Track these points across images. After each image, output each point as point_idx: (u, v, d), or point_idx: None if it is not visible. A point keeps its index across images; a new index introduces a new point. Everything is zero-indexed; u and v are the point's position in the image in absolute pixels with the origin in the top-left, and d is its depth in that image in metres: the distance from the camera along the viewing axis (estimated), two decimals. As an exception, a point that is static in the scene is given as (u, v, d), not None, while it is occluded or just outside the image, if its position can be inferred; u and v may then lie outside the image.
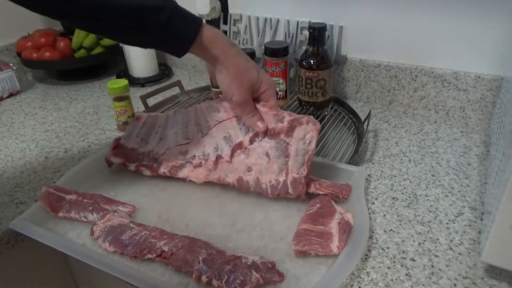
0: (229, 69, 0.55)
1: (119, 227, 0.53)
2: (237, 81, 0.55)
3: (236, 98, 0.56)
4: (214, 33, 0.54)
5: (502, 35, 0.74)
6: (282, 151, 0.57)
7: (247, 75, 0.55)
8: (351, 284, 0.47)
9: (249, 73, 0.55)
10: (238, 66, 0.55)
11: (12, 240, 0.58)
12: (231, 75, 0.55)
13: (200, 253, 0.48)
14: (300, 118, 0.57)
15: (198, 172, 0.62)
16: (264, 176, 0.58)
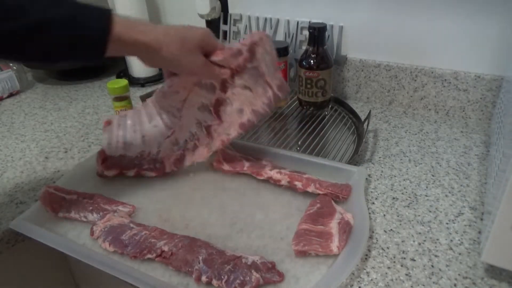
0: (171, 49, 0.50)
1: (119, 227, 0.53)
2: (186, 54, 0.51)
3: (194, 68, 0.53)
4: (128, 20, 0.48)
5: (502, 35, 0.74)
6: (256, 76, 0.59)
7: (190, 43, 0.51)
8: (351, 284, 0.47)
9: (191, 39, 0.51)
10: (177, 42, 0.50)
11: (12, 240, 0.58)
12: (176, 54, 0.50)
13: (200, 253, 0.48)
14: (253, 39, 0.57)
15: (199, 152, 0.63)
16: (256, 104, 0.61)
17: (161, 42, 0.49)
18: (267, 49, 0.58)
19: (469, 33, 0.77)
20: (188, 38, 0.51)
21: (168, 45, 0.50)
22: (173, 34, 0.50)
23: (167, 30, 0.50)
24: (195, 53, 0.52)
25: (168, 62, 0.53)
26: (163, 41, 0.49)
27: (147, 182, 0.65)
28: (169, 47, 0.50)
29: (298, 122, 0.84)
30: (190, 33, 0.52)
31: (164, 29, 0.50)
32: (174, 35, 0.50)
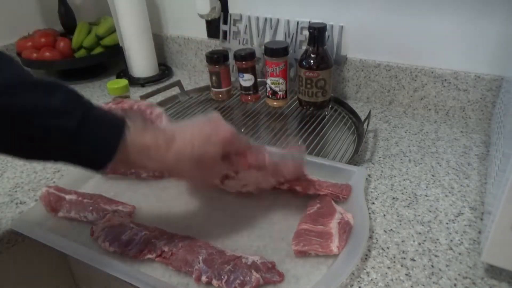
0: (183, 174, 0.46)
1: (119, 227, 0.53)
2: (199, 174, 0.47)
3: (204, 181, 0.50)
4: (140, 139, 0.42)
5: (502, 35, 0.74)
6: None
7: (206, 162, 0.45)
8: (351, 284, 0.47)
9: (208, 157, 0.45)
10: (191, 166, 0.44)
11: (12, 240, 0.58)
12: (189, 176, 0.47)
13: (200, 253, 0.48)
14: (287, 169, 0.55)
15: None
16: (262, 182, 0.57)
17: (173, 168, 0.45)
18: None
19: (469, 33, 0.77)
20: (205, 158, 0.45)
21: (180, 171, 0.46)
22: (188, 158, 0.44)
23: (181, 152, 0.43)
24: (211, 171, 0.48)
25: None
26: (174, 167, 0.44)
27: (147, 182, 0.65)
28: (181, 172, 0.47)
29: (298, 122, 0.84)
30: (207, 149, 0.45)
31: (177, 150, 0.43)
32: (188, 159, 0.44)
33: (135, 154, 0.41)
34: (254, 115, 0.87)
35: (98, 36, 1.09)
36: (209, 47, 1.10)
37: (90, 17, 1.24)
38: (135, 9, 1.02)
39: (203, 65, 1.14)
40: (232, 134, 0.47)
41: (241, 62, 0.86)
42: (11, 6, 1.17)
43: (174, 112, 0.90)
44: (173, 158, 0.43)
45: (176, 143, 0.43)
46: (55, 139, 0.38)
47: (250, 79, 0.87)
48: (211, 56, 0.87)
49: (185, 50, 1.16)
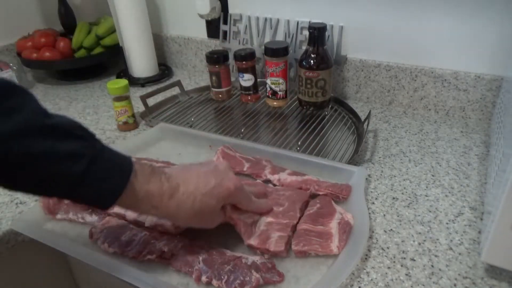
0: (183, 222, 0.48)
1: (118, 228, 0.53)
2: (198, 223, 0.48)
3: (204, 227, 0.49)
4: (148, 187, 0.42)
5: (502, 35, 0.74)
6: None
7: (206, 215, 0.46)
8: (351, 284, 0.47)
9: (209, 210, 0.46)
10: (190, 215, 0.45)
11: (12, 240, 0.58)
12: (189, 224, 0.49)
13: (200, 253, 0.48)
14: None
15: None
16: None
17: (173, 216, 0.46)
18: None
19: (469, 33, 0.77)
20: (205, 210, 0.46)
21: (179, 219, 0.47)
22: (189, 208, 0.44)
23: (182, 202, 0.44)
24: (210, 220, 0.48)
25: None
26: (175, 215, 0.45)
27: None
28: (181, 220, 0.47)
29: (298, 122, 0.84)
30: (209, 201, 0.46)
31: (179, 200, 0.44)
32: (189, 209, 0.45)
33: (139, 200, 0.42)
34: (254, 115, 0.87)
35: (98, 36, 1.09)
36: (209, 47, 1.10)
37: (90, 17, 1.24)
38: (135, 9, 1.02)
39: (203, 65, 1.14)
40: (236, 188, 0.47)
41: (241, 62, 0.86)
42: (11, 6, 1.17)
43: (174, 112, 0.90)
44: (174, 207, 0.44)
45: (179, 193, 0.44)
46: (60, 182, 0.39)
47: (250, 79, 0.87)
48: (211, 56, 0.87)
49: (185, 50, 1.16)
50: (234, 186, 0.47)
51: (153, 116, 0.88)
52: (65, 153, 0.38)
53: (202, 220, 0.47)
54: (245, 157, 0.67)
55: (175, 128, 0.79)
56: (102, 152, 0.41)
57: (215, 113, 0.90)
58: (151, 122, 0.86)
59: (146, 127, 0.85)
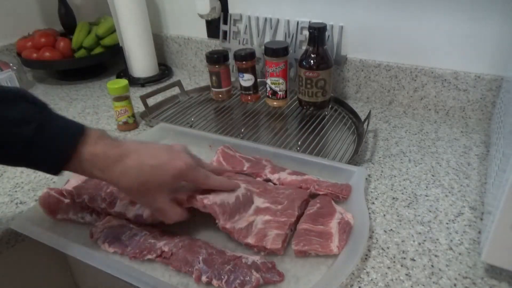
0: (127, 190, 0.47)
1: (118, 227, 0.53)
2: (142, 196, 0.47)
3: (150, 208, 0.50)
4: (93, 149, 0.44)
5: (502, 35, 0.74)
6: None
7: (151, 186, 0.46)
8: (351, 284, 0.47)
9: (154, 182, 0.46)
10: (134, 184, 0.45)
11: (12, 240, 0.58)
12: (132, 195, 0.48)
13: (200, 253, 0.48)
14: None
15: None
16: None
17: (116, 182, 0.46)
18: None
19: (469, 33, 0.77)
20: (150, 183, 0.46)
21: (123, 188, 0.47)
22: (133, 178, 0.45)
23: (127, 170, 0.45)
24: (153, 196, 0.48)
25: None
26: (119, 181, 0.45)
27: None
28: (124, 190, 0.48)
29: (298, 122, 0.84)
30: (156, 175, 0.46)
31: (125, 167, 0.45)
32: (134, 179, 0.45)
33: (85, 162, 0.44)
34: (254, 115, 0.87)
35: (98, 36, 1.09)
36: (209, 47, 1.10)
37: (90, 17, 1.24)
38: (135, 9, 1.02)
39: (203, 65, 1.14)
40: (187, 166, 0.47)
41: (241, 62, 0.86)
42: (11, 6, 1.17)
43: (174, 112, 0.90)
44: (119, 173, 0.45)
45: (127, 160, 0.45)
46: (11, 145, 0.41)
47: (250, 79, 0.87)
48: (211, 56, 0.87)
49: (185, 50, 1.16)
50: (185, 164, 0.47)
51: (153, 116, 0.88)
52: (14, 118, 0.41)
53: (144, 194, 0.47)
54: (245, 157, 0.67)
55: (175, 128, 0.79)
56: (51, 118, 0.43)
57: (215, 113, 0.90)
58: (151, 122, 0.86)
59: (146, 127, 0.86)
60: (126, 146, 0.46)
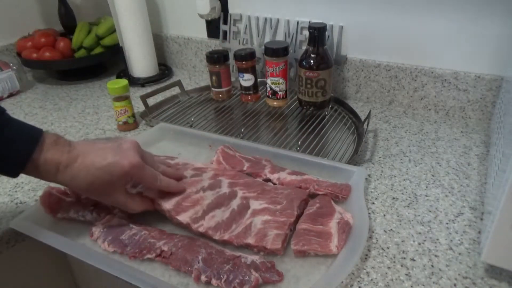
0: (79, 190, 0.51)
1: (118, 227, 0.53)
2: (95, 195, 0.51)
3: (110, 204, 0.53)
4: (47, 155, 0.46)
5: (502, 35, 0.74)
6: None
7: (99, 186, 0.49)
8: (351, 284, 0.47)
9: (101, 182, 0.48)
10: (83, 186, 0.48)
11: (12, 240, 0.58)
12: (85, 193, 0.52)
13: (200, 253, 0.48)
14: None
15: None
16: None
17: (69, 185, 0.49)
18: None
19: (469, 33, 0.77)
20: (97, 184, 0.48)
21: (75, 188, 0.50)
22: (81, 180, 0.48)
23: (75, 173, 0.47)
24: (106, 194, 0.50)
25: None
26: (70, 184, 0.48)
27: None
28: (77, 190, 0.51)
29: (298, 122, 0.84)
30: (102, 177, 0.48)
31: (74, 171, 0.47)
32: (82, 181, 0.48)
33: (40, 168, 0.46)
34: (254, 115, 0.87)
35: (98, 36, 1.09)
36: (209, 47, 1.10)
37: (90, 17, 1.24)
38: (135, 9, 1.02)
39: (203, 65, 1.14)
40: (131, 167, 0.49)
41: (241, 62, 0.86)
42: (11, 6, 1.17)
43: (174, 112, 0.90)
44: (69, 177, 0.47)
45: (76, 163, 0.47)
46: None
47: (250, 79, 0.87)
48: (211, 56, 0.87)
49: (185, 50, 1.16)
50: (129, 165, 0.48)
51: (153, 116, 0.88)
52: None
53: (96, 193, 0.50)
54: (245, 156, 0.67)
55: (175, 128, 0.79)
56: (8, 123, 0.45)
57: (215, 113, 0.90)
58: (151, 122, 0.86)
59: (146, 127, 0.86)
60: (76, 150, 0.48)
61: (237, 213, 0.54)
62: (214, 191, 0.58)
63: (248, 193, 0.57)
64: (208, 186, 0.59)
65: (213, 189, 0.58)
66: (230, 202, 0.56)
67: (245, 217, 0.54)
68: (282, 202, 0.55)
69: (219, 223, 0.52)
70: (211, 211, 0.54)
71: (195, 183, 0.59)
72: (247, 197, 0.57)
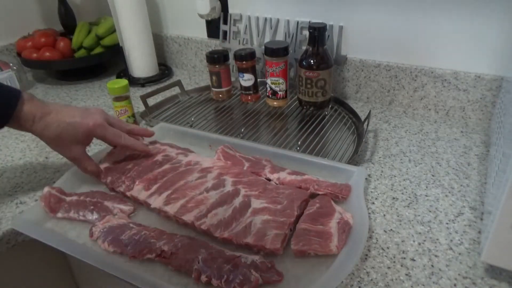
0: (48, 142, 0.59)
1: (118, 227, 0.53)
2: (60, 148, 0.61)
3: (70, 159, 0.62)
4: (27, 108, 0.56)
5: (502, 35, 0.74)
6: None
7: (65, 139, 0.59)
8: (351, 284, 0.47)
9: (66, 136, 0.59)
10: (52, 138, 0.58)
11: (12, 240, 0.58)
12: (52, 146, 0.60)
13: (200, 253, 0.48)
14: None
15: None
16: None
17: (40, 134, 0.58)
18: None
19: (469, 33, 0.77)
20: (64, 136, 0.58)
21: (46, 140, 0.59)
22: (52, 131, 0.57)
23: (47, 125, 0.57)
24: (69, 147, 0.60)
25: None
26: (42, 133, 0.58)
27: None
28: (46, 139, 0.59)
29: (298, 122, 0.84)
30: (69, 130, 0.58)
31: (46, 123, 0.57)
32: (52, 132, 0.58)
33: (21, 119, 0.56)
34: (254, 115, 0.87)
35: (98, 36, 1.09)
36: (209, 47, 1.10)
37: (90, 17, 1.24)
38: (135, 9, 1.02)
39: (203, 65, 1.14)
40: (95, 125, 0.59)
41: (241, 62, 0.86)
42: (11, 6, 1.17)
43: (174, 112, 0.90)
44: (42, 127, 0.57)
45: (49, 116, 0.57)
46: None
47: (250, 79, 0.87)
48: (211, 56, 0.87)
49: (185, 50, 1.16)
50: (93, 123, 0.59)
51: (153, 116, 0.88)
52: None
53: (61, 145, 0.60)
54: (245, 156, 0.67)
55: (175, 128, 0.79)
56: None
57: (215, 113, 0.90)
58: (151, 122, 0.86)
59: (146, 127, 0.86)
60: (49, 107, 0.58)
61: (238, 211, 0.54)
62: (218, 190, 0.58)
63: (250, 191, 0.58)
64: (212, 186, 0.59)
65: (216, 188, 0.59)
66: (233, 200, 0.56)
67: (245, 215, 0.54)
68: (283, 202, 0.55)
69: (221, 220, 0.53)
70: (214, 209, 0.54)
71: (200, 185, 0.59)
72: (249, 195, 0.57)
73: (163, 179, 0.61)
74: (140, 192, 0.59)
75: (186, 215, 0.54)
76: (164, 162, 0.66)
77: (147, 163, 0.65)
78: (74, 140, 0.59)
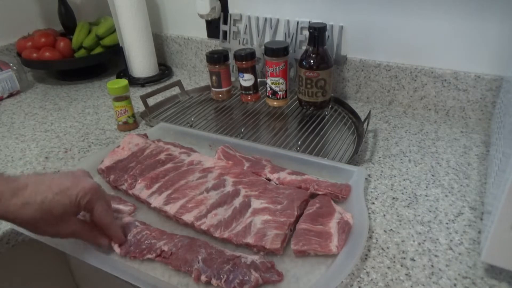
0: (26, 225, 0.45)
1: (123, 225, 0.53)
2: (45, 228, 0.46)
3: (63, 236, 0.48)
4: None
5: (502, 35, 0.74)
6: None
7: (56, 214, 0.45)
8: (351, 284, 0.47)
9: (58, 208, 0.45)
10: (35, 216, 0.44)
11: (12, 240, 0.58)
12: (33, 230, 0.46)
13: (200, 253, 0.48)
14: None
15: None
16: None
17: (15, 215, 0.44)
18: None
19: (469, 33, 0.77)
20: (56, 209, 0.45)
21: (25, 218, 0.44)
22: (38, 205, 0.44)
23: (30, 199, 0.44)
24: (66, 222, 0.47)
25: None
26: (19, 213, 0.44)
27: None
28: (27, 220, 0.45)
29: (298, 122, 0.84)
30: (61, 200, 0.45)
31: (26, 197, 0.44)
32: (38, 206, 0.44)
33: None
34: (254, 115, 0.87)
35: (98, 36, 1.09)
36: (209, 47, 1.10)
37: (90, 17, 1.24)
38: (135, 9, 1.02)
39: (203, 65, 1.14)
40: (92, 187, 0.47)
41: (241, 62, 0.86)
42: (11, 6, 1.17)
43: (174, 112, 0.90)
44: (20, 205, 0.43)
45: (26, 191, 0.44)
46: None
47: (250, 79, 0.87)
48: (211, 56, 0.87)
49: (185, 50, 1.16)
50: (90, 185, 0.47)
51: (153, 116, 0.88)
52: None
53: (51, 223, 0.46)
54: (245, 156, 0.67)
55: (175, 128, 0.79)
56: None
57: (215, 113, 0.90)
58: (151, 122, 0.86)
59: (146, 127, 0.86)
60: (22, 179, 0.45)
61: (238, 211, 0.54)
62: (218, 191, 0.58)
63: (251, 192, 0.58)
64: (212, 186, 0.59)
65: (217, 188, 0.59)
66: (233, 200, 0.57)
67: (245, 216, 0.54)
68: (283, 202, 0.55)
69: (221, 221, 0.53)
70: (214, 209, 0.55)
71: (200, 185, 0.59)
72: (249, 195, 0.57)
73: (165, 178, 0.61)
74: (142, 191, 0.60)
75: (186, 215, 0.54)
76: (167, 161, 0.66)
77: (150, 162, 0.65)
78: (67, 211, 0.46)
